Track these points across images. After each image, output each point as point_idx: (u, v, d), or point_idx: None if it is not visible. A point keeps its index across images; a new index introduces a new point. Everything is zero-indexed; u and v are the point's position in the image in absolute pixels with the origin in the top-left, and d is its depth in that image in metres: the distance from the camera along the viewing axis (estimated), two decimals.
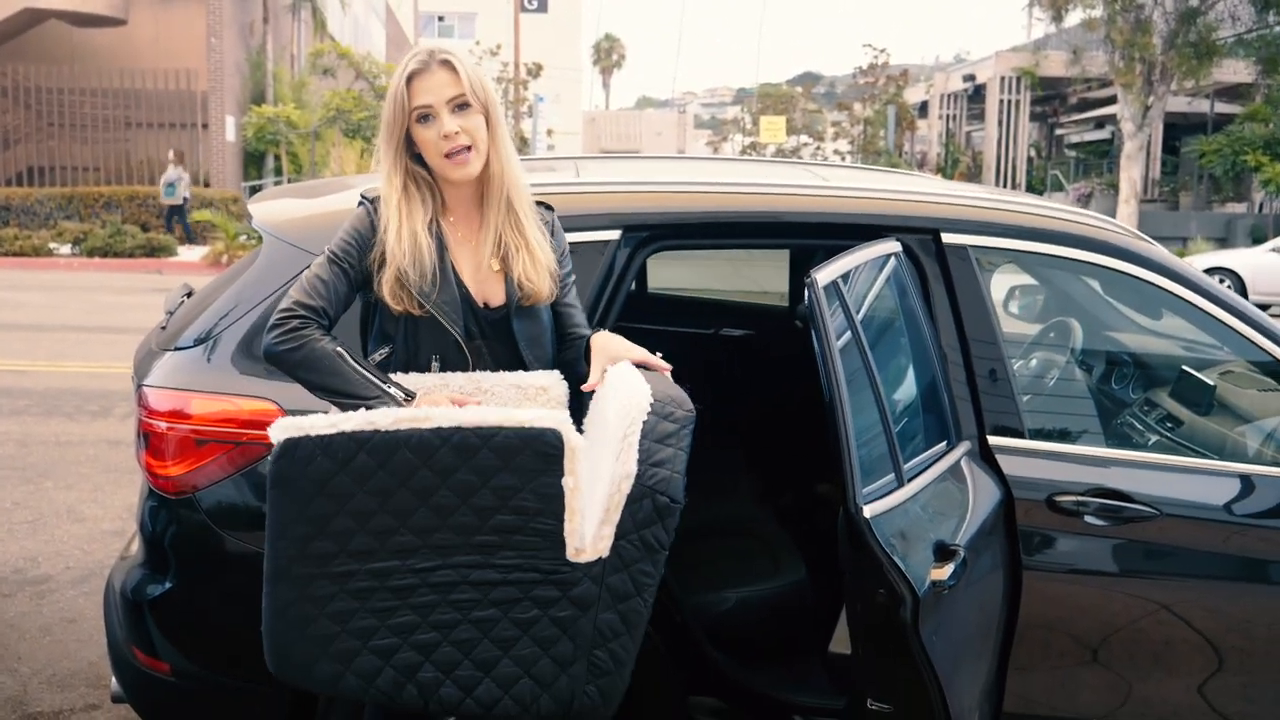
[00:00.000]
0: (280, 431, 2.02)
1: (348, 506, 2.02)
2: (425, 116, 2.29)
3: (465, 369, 2.33)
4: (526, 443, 2.02)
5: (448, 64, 2.29)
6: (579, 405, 2.38)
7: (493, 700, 2.08)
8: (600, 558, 2.05)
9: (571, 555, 2.05)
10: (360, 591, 2.04)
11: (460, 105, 2.28)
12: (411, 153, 2.34)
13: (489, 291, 2.37)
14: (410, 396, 2.19)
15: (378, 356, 2.37)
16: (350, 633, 2.04)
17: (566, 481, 2.03)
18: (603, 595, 2.07)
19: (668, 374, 2.29)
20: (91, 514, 5.77)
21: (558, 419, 2.04)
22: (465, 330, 2.34)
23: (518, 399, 2.32)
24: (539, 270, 2.36)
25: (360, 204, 2.38)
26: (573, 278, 2.52)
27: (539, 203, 2.48)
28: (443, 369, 2.33)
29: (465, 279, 2.36)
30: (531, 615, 2.07)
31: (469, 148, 2.29)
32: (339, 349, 2.23)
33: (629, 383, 2.15)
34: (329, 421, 2.02)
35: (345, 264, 2.31)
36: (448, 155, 2.29)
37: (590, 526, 2.05)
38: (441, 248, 2.34)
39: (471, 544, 2.04)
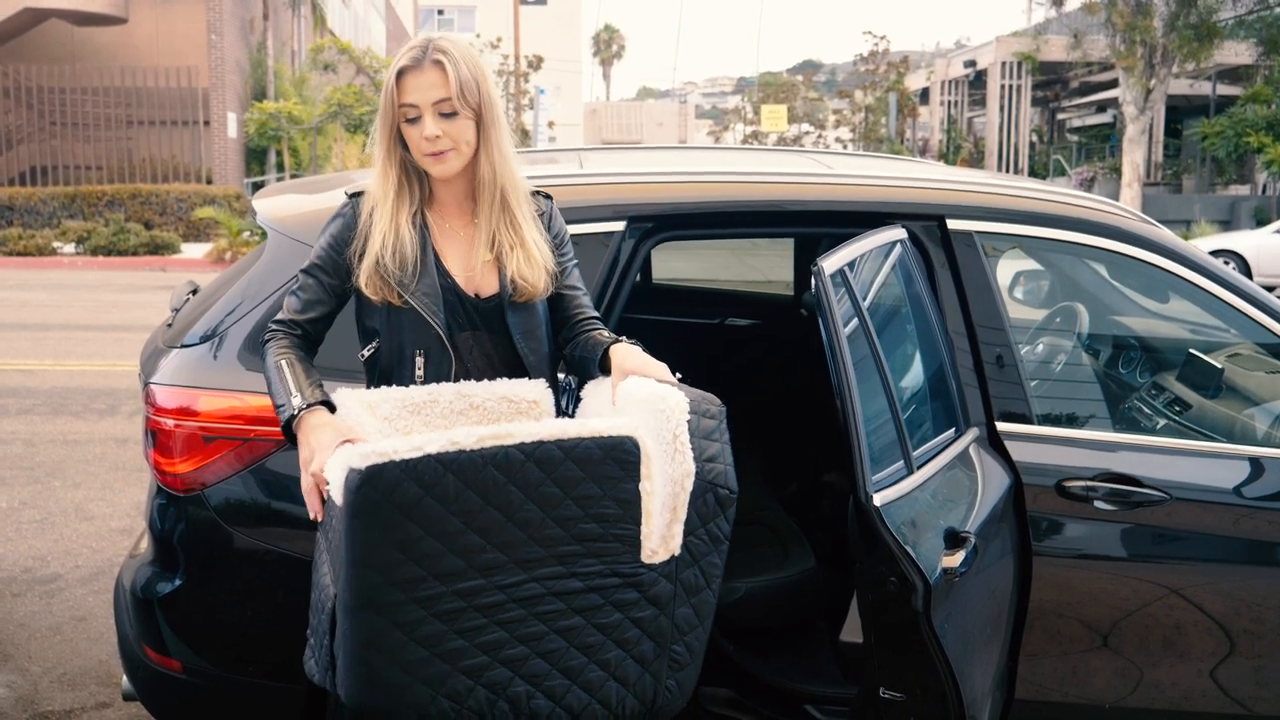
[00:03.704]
0: (359, 460, 1.91)
1: (434, 529, 1.95)
2: (411, 115, 2.27)
3: (449, 365, 2.31)
4: (606, 452, 2.02)
5: (439, 64, 2.24)
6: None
7: (581, 706, 2.09)
8: (673, 555, 2.10)
9: (647, 557, 2.08)
10: (448, 614, 1.99)
11: (446, 111, 2.24)
12: (403, 142, 2.33)
13: (481, 282, 2.34)
14: (313, 404, 2.17)
15: (367, 352, 2.36)
16: (440, 655, 2.00)
17: (644, 486, 2.05)
18: (678, 592, 2.11)
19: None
20: (100, 512, 5.78)
21: (630, 425, 2.06)
22: (449, 323, 2.31)
23: (510, 412, 2.31)
24: (534, 269, 2.32)
25: (343, 202, 2.39)
26: (574, 262, 2.47)
27: (536, 191, 2.45)
28: (426, 365, 2.30)
29: (452, 269, 2.34)
30: (614, 619, 2.08)
31: (448, 150, 2.27)
32: (285, 360, 2.25)
33: (655, 389, 2.15)
34: (411, 445, 1.94)
35: (315, 273, 2.34)
36: (428, 154, 2.27)
37: (660, 527, 2.08)
38: (424, 238, 2.32)
39: (555, 555, 2.03)
